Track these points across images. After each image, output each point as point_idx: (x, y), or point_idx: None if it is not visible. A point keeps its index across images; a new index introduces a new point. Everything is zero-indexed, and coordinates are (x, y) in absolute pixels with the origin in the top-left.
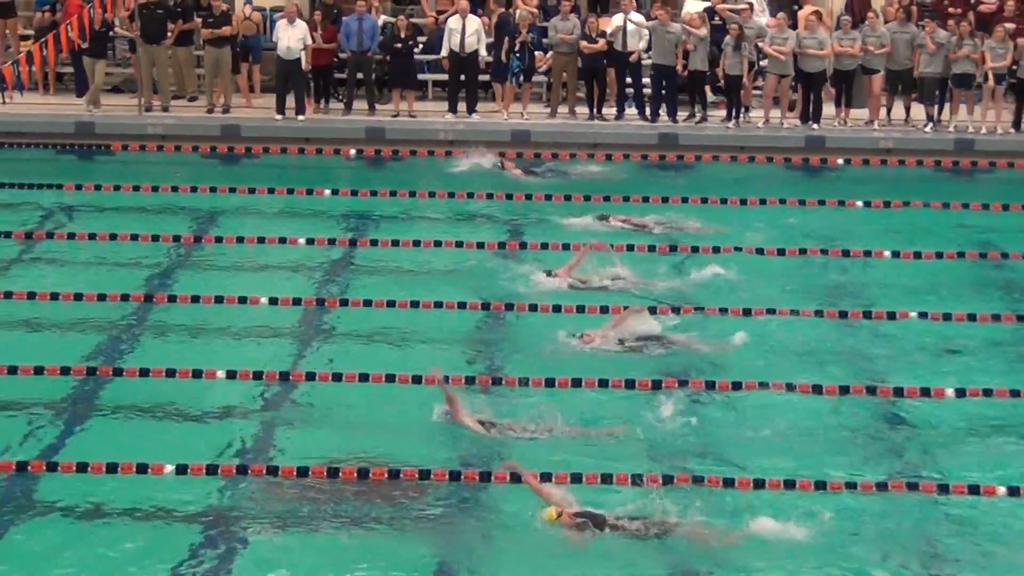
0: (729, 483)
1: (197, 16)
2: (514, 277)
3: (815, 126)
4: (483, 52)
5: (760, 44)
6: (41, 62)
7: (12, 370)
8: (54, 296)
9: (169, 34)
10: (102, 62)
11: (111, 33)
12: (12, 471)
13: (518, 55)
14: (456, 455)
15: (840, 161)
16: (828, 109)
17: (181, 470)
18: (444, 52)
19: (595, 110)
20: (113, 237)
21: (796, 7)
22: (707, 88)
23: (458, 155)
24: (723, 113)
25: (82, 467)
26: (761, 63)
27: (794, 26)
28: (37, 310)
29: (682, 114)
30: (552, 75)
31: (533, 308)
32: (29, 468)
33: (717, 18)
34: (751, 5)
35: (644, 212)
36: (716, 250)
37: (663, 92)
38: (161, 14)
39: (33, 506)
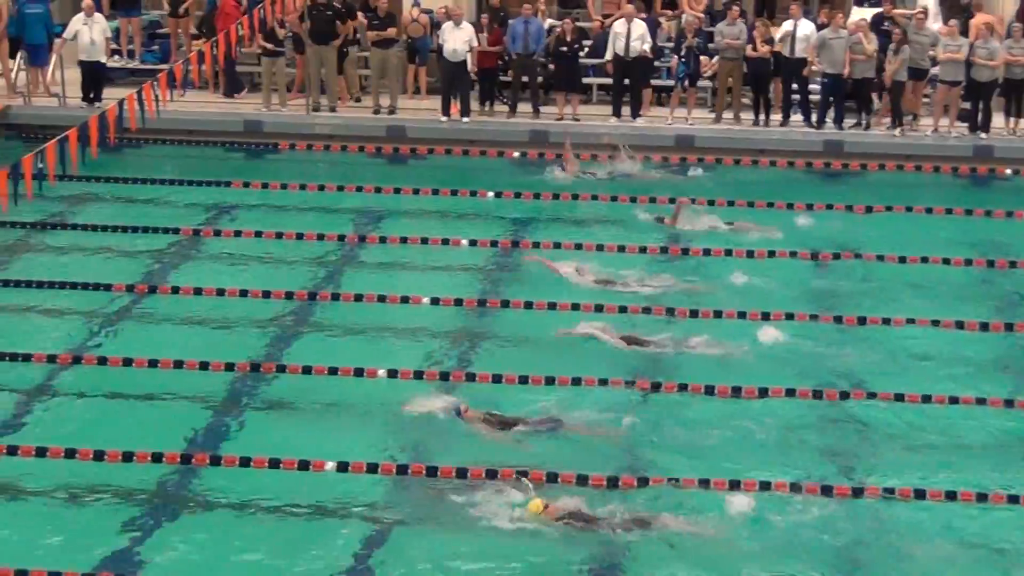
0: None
1: (363, 18)
2: (682, 278)
3: (983, 136)
4: (650, 55)
5: (932, 52)
6: (212, 61)
7: (178, 364)
8: (220, 292)
9: (337, 34)
10: (281, 60)
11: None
12: (177, 463)
13: (684, 60)
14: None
15: (1008, 171)
16: (998, 119)
17: (342, 467)
18: (609, 56)
19: (760, 116)
20: (279, 236)
21: (968, 15)
22: (873, 95)
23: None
24: (888, 120)
25: (245, 462)
26: (933, 70)
27: (965, 34)
28: (203, 306)
29: (849, 121)
30: (718, 80)
31: (694, 314)
32: (193, 461)
33: (885, 23)
34: (925, 11)
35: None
36: (880, 258)
37: (831, 99)
38: (330, 15)
39: (196, 499)
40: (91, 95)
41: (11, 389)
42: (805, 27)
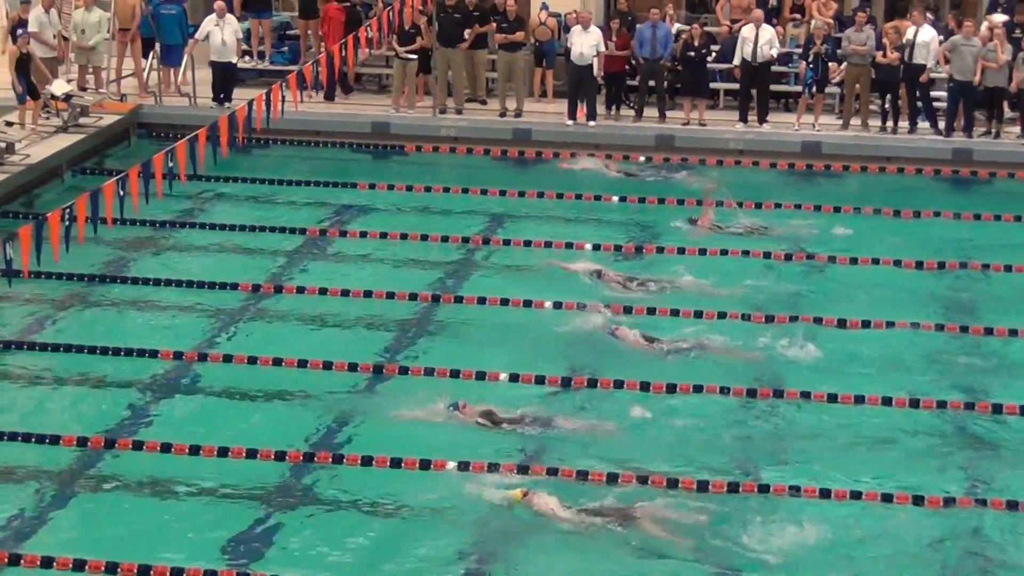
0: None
1: (492, 20)
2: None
3: None
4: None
5: None
6: (341, 62)
7: (302, 363)
8: (344, 293)
9: (465, 37)
10: (413, 62)
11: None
12: (300, 461)
13: (811, 66)
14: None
15: None
16: None
17: (463, 467)
18: (736, 61)
19: (888, 123)
20: (404, 237)
21: None
22: (1005, 104)
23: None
24: (1018, 129)
25: (367, 461)
26: None
27: None
28: (328, 306)
29: (979, 129)
30: (845, 87)
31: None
32: (316, 459)
33: (1017, 31)
34: None
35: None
36: (1008, 269)
37: (960, 107)
38: (458, 18)
39: (319, 497)
40: (221, 95)
41: (138, 385)
42: (926, 33)
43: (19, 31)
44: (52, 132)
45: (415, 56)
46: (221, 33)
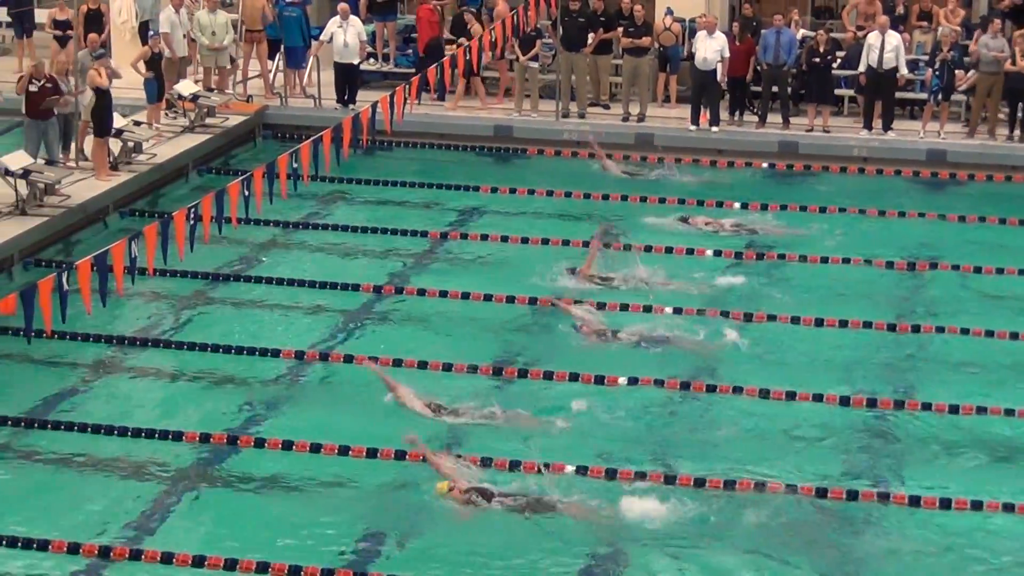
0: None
1: (618, 25)
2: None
3: None
4: (903, 69)
5: None
6: (465, 66)
7: (423, 365)
8: (464, 296)
9: (589, 42)
10: (535, 66)
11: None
12: (419, 462)
13: (938, 73)
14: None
15: None
16: None
17: (581, 471)
18: (862, 68)
19: (1016, 131)
20: (524, 241)
21: None
22: None
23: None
24: None
25: (486, 462)
26: None
27: None
28: (448, 308)
29: None
30: (976, 94)
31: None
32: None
33: None
34: None
35: None
36: None
37: None
38: (582, 22)
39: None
40: (345, 97)
41: (260, 384)
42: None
43: (150, 32)
44: (179, 132)
45: (536, 63)
46: (344, 35)
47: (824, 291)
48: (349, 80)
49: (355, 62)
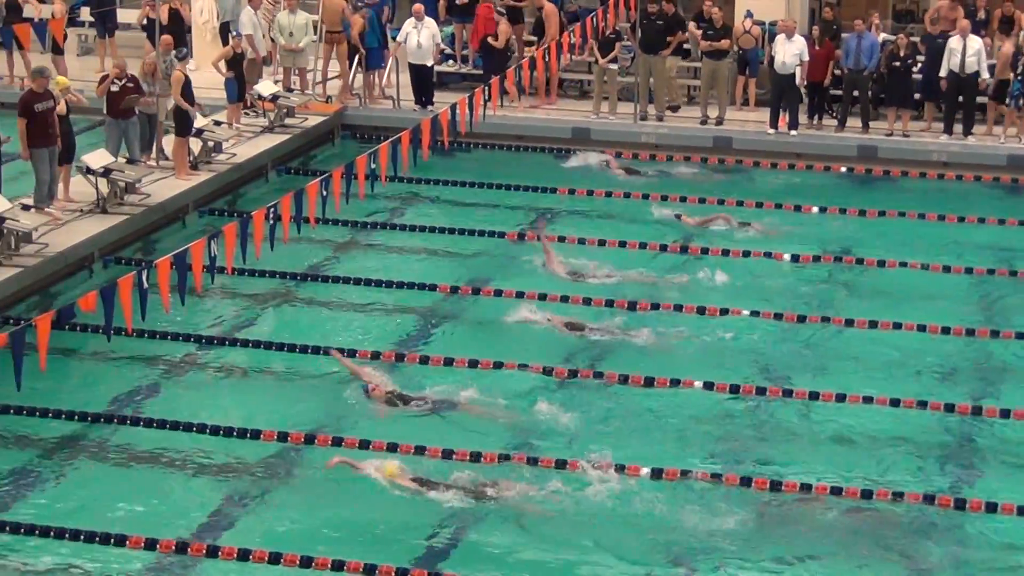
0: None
1: (697, 28)
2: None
3: None
4: (984, 74)
5: None
6: (544, 68)
7: (498, 365)
8: (541, 297)
9: (667, 44)
10: (613, 68)
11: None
12: (495, 463)
13: (1020, 78)
14: None
15: None
16: None
17: (656, 474)
18: (943, 72)
19: None
20: (601, 243)
21: None
22: None
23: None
24: None
25: (560, 464)
26: None
27: None
28: (524, 310)
29: None
30: None
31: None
32: (511, 459)
33: None
34: None
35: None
36: None
37: None
38: (661, 25)
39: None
40: (423, 98)
41: (336, 382)
42: None
43: (231, 32)
44: (258, 132)
45: (615, 65)
46: (417, 36)
47: (901, 296)
48: (422, 81)
49: (428, 63)
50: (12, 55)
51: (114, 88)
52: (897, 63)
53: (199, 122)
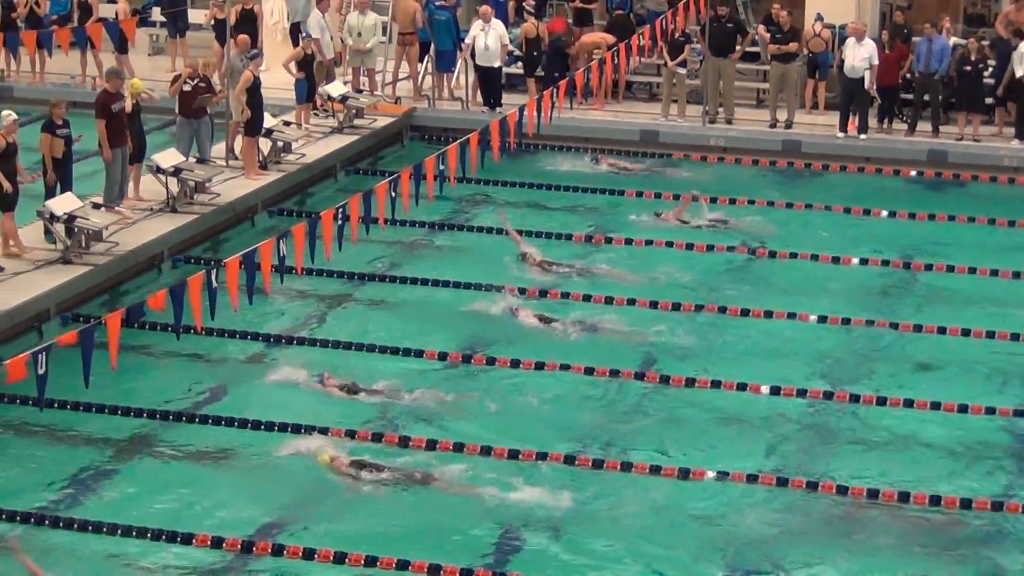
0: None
1: (766, 31)
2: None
3: None
4: None
5: None
6: (612, 70)
7: (565, 367)
8: (608, 301)
9: (737, 48)
10: (682, 72)
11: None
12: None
13: None
14: None
15: None
16: None
17: (721, 476)
18: (1019, 74)
19: None
20: (669, 244)
21: None
22: None
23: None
24: None
25: (626, 467)
26: None
27: None
28: (592, 312)
29: None
30: None
31: None
32: (576, 463)
33: None
34: None
35: None
36: None
37: None
38: (731, 28)
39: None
40: (491, 100)
41: (405, 382)
42: None
43: (302, 33)
44: (327, 133)
45: (684, 68)
46: (485, 38)
47: (969, 301)
48: (490, 83)
49: (496, 65)
50: (85, 55)
51: (186, 88)
52: (968, 67)
53: (269, 122)
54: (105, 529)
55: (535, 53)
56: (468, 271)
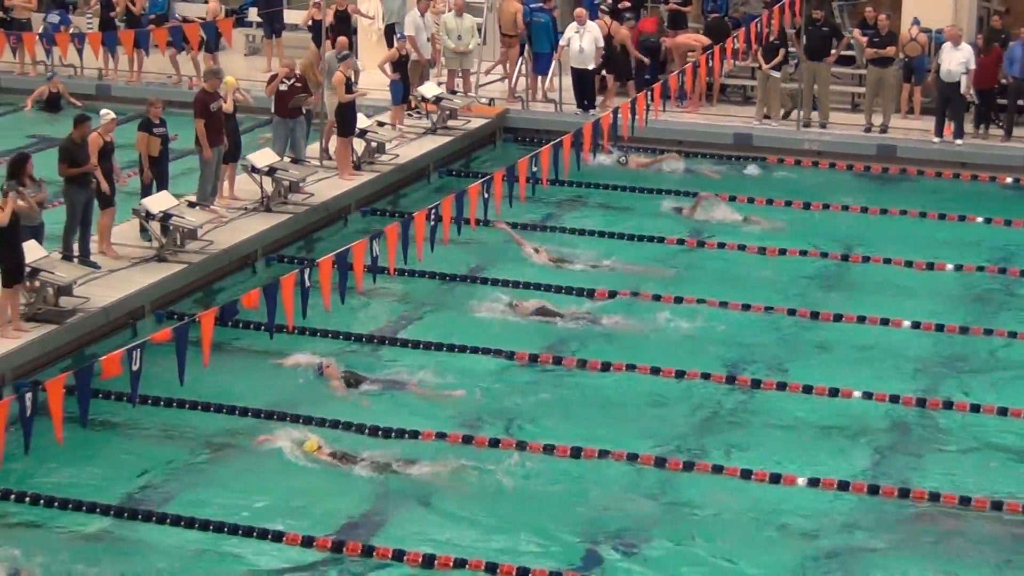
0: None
1: (863, 35)
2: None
3: None
4: None
5: None
6: (707, 72)
7: (655, 371)
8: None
9: (832, 52)
10: (776, 75)
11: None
12: (652, 464)
13: None
14: None
15: None
16: None
17: (813, 483)
18: None
19: None
20: (762, 251)
21: None
22: None
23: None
24: None
25: (717, 469)
26: None
27: None
28: (682, 313)
29: None
30: None
31: None
32: (667, 466)
33: None
34: None
35: None
36: None
37: None
38: (826, 31)
39: (669, 506)
40: (584, 102)
41: (502, 383)
42: None
43: (397, 35)
44: (421, 133)
45: (778, 72)
46: (579, 40)
47: None
48: (584, 85)
49: (590, 67)
50: (176, 55)
51: (282, 87)
52: None
53: (363, 123)
54: (196, 525)
55: (605, 54)
56: (556, 274)
